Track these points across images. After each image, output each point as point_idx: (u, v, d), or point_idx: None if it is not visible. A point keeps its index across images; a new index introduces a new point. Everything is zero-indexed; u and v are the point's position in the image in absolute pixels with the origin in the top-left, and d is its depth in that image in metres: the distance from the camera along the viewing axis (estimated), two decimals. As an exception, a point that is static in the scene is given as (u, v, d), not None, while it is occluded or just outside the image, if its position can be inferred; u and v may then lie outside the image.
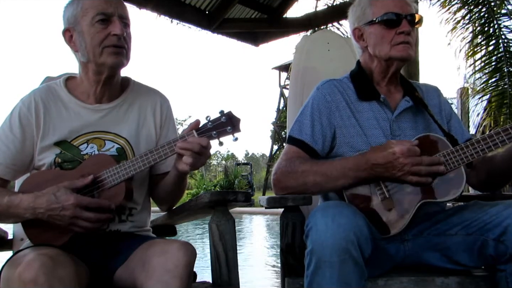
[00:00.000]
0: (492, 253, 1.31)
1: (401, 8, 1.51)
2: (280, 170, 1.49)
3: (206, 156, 1.36)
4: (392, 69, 1.56)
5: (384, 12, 1.51)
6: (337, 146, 1.53)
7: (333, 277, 1.19)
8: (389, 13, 1.51)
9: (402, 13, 1.50)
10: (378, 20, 1.52)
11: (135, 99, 1.54)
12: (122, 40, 1.40)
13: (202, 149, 1.32)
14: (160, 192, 1.56)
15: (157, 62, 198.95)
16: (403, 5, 1.52)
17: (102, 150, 1.45)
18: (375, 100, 1.56)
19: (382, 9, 1.52)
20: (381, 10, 1.52)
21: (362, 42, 1.59)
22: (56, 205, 1.28)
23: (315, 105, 1.56)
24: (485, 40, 4.90)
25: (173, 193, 1.53)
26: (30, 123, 1.44)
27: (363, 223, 1.24)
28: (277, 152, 28.14)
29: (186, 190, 1.60)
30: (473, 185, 1.62)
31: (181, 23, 4.76)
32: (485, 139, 1.37)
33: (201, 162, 1.36)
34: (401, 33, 1.50)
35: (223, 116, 1.33)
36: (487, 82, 4.99)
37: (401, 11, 1.51)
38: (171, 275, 1.20)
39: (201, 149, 1.32)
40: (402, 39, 1.50)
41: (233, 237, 1.46)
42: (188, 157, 1.32)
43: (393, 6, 1.51)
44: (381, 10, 1.52)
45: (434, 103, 1.63)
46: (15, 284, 1.12)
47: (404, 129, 1.54)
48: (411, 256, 1.47)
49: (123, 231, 1.46)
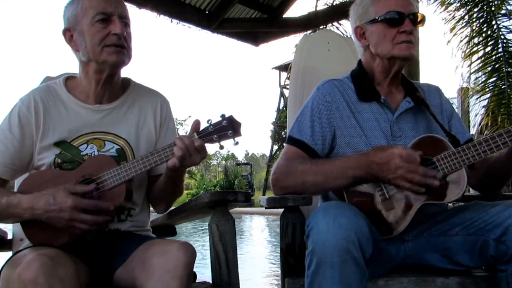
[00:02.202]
0: (493, 253, 1.31)
1: (404, 7, 1.51)
2: (279, 170, 1.49)
3: (198, 157, 1.34)
4: (394, 68, 1.55)
5: (387, 10, 1.51)
6: (337, 146, 1.53)
7: (334, 277, 1.19)
8: (391, 11, 1.50)
9: (404, 12, 1.50)
10: (381, 19, 1.52)
11: (135, 100, 1.54)
12: (122, 39, 1.40)
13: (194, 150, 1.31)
14: (154, 192, 1.54)
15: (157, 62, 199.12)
16: (406, 4, 1.52)
17: (102, 150, 1.45)
18: (376, 101, 1.56)
19: (385, 7, 1.51)
20: (383, 8, 1.52)
21: (364, 41, 1.59)
22: (53, 207, 1.28)
23: (315, 105, 1.56)
24: (484, 40, 4.89)
25: (166, 192, 1.50)
26: (29, 123, 1.43)
27: (364, 223, 1.24)
28: (277, 152, 28.14)
29: (186, 190, 1.59)
30: (473, 185, 1.61)
31: (181, 23, 4.75)
32: (487, 141, 1.37)
33: (191, 161, 1.34)
34: (403, 32, 1.49)
35: (224, 120, 1.34)
36: (486, 82, 4.98)
37: (404, 10, 1.50)
38: (171, 275, 1.20)
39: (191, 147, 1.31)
40: (405, 38, 1.49)
41: (233, 237, 1.46)
42: (178, 151, 1.30)
43: (395, 5, 1.51)
44: (384, 8, 1.51)
45: (436, 103, 1.63)
46: (15, 284, 1.12)
47: (405, 130, 1.54)
48: (411, 257, 1.47)
49: (123, 230, 1.46)
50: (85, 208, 1.30)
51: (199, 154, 1.33)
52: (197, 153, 1.33)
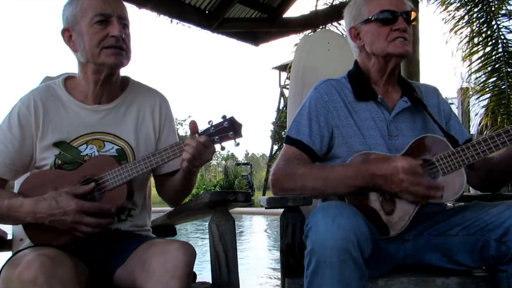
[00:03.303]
0: (493, 253, 1.31)
1: (397, 6, 1.52)
2: (279, 171, 1.49)
3: (208, 154, 1.37)
4: (390, 65, 1.56)
5: (380, 10, 1.52)
6: (335, 146, 1.53)
7: (333, 277, 1.19)
8: (384, 11, 1.51)
9: (397, 10, 1.51)
10: (374, 18, 1.53)
11: (134, 100, 1.54)
12: (120, 41, 1.40)
13: (202, 148, 1.34)
14: (168, 191, 1.57)
15: (156, 62, 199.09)
16: (398, 3, 1.53)
17: (102, 151, 1.45)
18: (373, 100, 1.56)
19: (378, 7, 1.52)
20: (376, 8, 1.53)
21: (359, 41, 1.59)
22: (57, 211, 1.28)
23: (312, 105, 1.56)
24: (484, 40, 4.89)
25: (180, 191, 1.54)
26: (29, 123, 1.43)
27: (363, 223, 1.24)
28: (277, 152, 28.10)
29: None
30: (473, 185, 1.61)
31: (181, 23, 4.76)
32: (486, 141, 1.37)
33: (203, 159, 1.37)
34: (396, 30, 1.50)
35: (226, 121, 1.35)
36: (485, 82, 4.98)
37: (397, 8, 1.51)
38: (170, 275, 1.20)
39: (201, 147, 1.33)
40: (398, 35, 1.50)
41: (233, 237, 1.45)
42: (187, 154, 1.34)
43: (388, 4, 1.52)
44: (377, 8, 1.52)
45: (433, 103, 1.63)
46: (14, 284, 1.12)
47: (402, 129, 1.54)
48: (411, 257, 1.47)
49: (123, 230, 1.46)
50: (88, 211, 1.30)
51: (208, 149, 1.35)
52: (206, 149, 1.35)
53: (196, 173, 1.47)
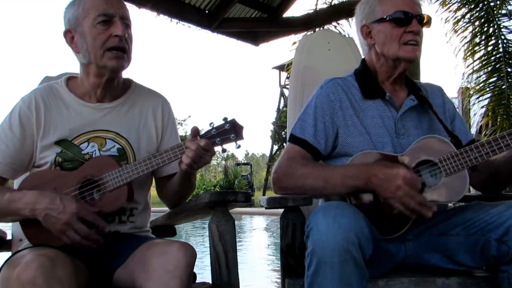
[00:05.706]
0: (494, 253, 1.31)
1: (411, 8, 1.50)
2: (281, 169, 1.48)
3: (208, 157, 1.38)
4: (399, 69, 1.55)
5: (395, 10, 1.50)
6: (340, 145, 1.52)
7: (334, 278, 1.18)
8: (399, 11, 1.50)
9: (412, 12, 1.50)
10: (389, 18, 1.51)
11: (136, 100, 1.54)
12: (123, 41, 1.40)
13: (202, 151, 1.34)
14: (168, 193, 1.58)
15: (156, 62, 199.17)
16: (413, 5, 1.51)
17: (103, 149, 1.45)
18: (380, 98, 1.55)
19: (393, 7, 1.51)
20: (391, 8, 1.51)
21: (370, 40, 1.58)
22: (56, 206, 1.28)
23: (318, 104, 1.55)
24: (485, 40, 4.89)
25: (179, 192, 1.54)
26: (30, 122, 1.43)
27: (364, 223, 1.24)
28: (277, 152, 28.13)
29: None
30: (475, 185, 1.61)
31: (180, 23, 4.75)
32: (489, 143, 1.37)
33: (203, 162, 1.38)
34: (410, 32, 1.49)
35: (227, 124, 1.35)
36: (485, 82, 4.98)
37: (411, 10, 1.50)
38: (170, 275, 1.20)
39: (201, 151, 1.34)
40: (411, 38, 1.49)
41: (233, 238, 1.45)
42: (186, 158, 1.35)
43: (403, 5, 1.51)
44: (391, 8, 1.51)
45: (438, 102, 1.62)
46: (13, 284, 1.12)
47: (408, 128, 1.53)
48: (412, 257, 1.46)
49: (122, 232, 1.46)
50: (84, 217, 1.29)
51: (208, 153, 1.36)
52: (206, 152, 1.36)
53: (195, 174, 1.47)
